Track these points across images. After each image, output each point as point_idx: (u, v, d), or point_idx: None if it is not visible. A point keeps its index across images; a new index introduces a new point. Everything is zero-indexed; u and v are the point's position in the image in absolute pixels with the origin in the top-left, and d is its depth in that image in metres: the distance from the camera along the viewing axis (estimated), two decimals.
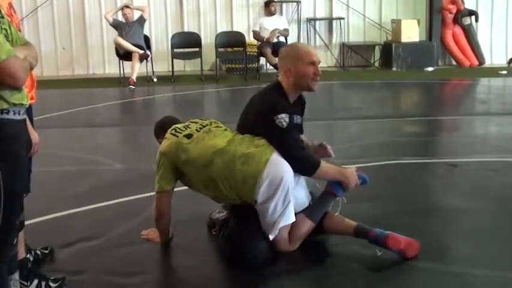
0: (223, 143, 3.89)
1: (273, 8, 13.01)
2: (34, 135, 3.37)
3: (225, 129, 4.14)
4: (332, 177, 3.96)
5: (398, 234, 3.83)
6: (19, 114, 2.75)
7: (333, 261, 3.93)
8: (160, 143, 4.18)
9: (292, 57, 4.02)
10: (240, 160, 3.79)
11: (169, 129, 4.12)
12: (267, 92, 4.09)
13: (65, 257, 4.04)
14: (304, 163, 3.89)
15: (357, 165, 5.94)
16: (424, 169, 6.10)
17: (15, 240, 3.04)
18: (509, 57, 14.43)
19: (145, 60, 12.72)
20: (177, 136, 4.02)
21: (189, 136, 4.00)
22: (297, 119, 4.12)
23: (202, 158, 3.86)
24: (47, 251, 3.97)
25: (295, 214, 3.90)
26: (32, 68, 2.94)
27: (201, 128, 4.07)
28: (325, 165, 3.92)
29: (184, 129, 4.08)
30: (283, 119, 3.84)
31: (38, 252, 3.89)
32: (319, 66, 4.04)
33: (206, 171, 3.86)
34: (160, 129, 4.33)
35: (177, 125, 4.16)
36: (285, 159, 3.81)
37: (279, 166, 3.78)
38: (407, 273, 3.69)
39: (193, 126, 4.12)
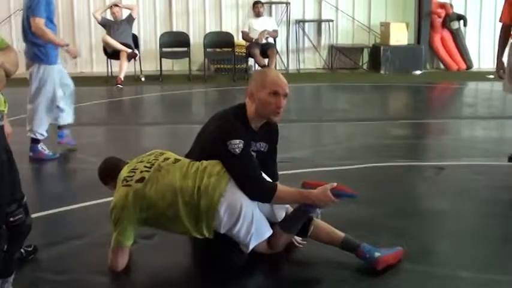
0: (179, 180, 3.68)
1: (258, 10, 12.95)
2: (8, 127, 3.34)
3: (176, 160, 3.89)
4: (294, 202, 3.79)
5: (386, 246, 3.82)
6: None
7: (317, 263, 3.91)
8: (110, 188, 4.01)
9: (257, 83, 3.84)
10: (198, 194, 3.63)
11: (118, 180, 3.84)
12: (226, 114, 3.90)
13: (51, 257, 4.01)
14: (256, 191, 3.70)
15: (343, 167, 6.01)
16: (410, 172, 6.12)
17: (5, 247, 3.03)
18: None
19: (133, 59, 12.69)
20: (130, 185, 3.71)
21: (141, 180, 3.71)
22: (260, 146, 3.98)
23: (164, 200, 3.64)
24: (30, 249, 3.94)
25: (272, 224, 3.83)
26: (9, 75, 2.88)
27: (149, 167, 3.80)
28: (283, 191, 3.72)
29: (133, 174, 3.78)
30: (237, 145, 3.68)
31: (22, 250, 3.85)
32: (284, 99, 3.81)
33: (171, 210, 3.66)
34: (106, 175, 4.09)
35: (124, 174, 3.83)
36: (238, 187, 3.67)
37: (235, 199, 3.64)
38: (393, 275, 3.68)
39: (139, 166, 3.83)
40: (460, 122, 8.77)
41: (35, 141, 6.60)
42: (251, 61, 13.36)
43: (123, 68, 12.26)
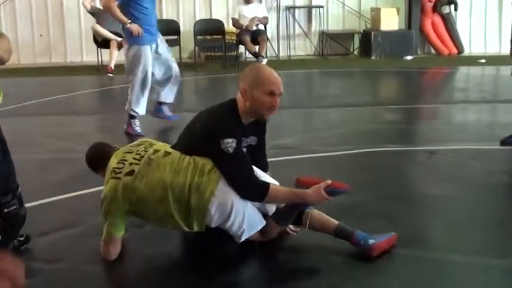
0: (170, 176, 3.61)
1: None
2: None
3: (166, 152, 3.79)
4: (287, 201, 3.74)
5: (378, 231, 3.81)
6: None
7: (310, 250, 3.89)
8: (100, 175, 3.98)
9: (252, 80, 3.73)
10: (189, 192, 3.59)
11: (107, 170, 3.80)
12: (218, 111, 3.80)
13: (43, 246, 4.00)
14: (248, 190, 3.65)
15: (335, 153, 6.01)
16: (403, 157, 6.12)
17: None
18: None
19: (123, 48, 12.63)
20: (119, 178, 3.68)
21: (130, 173, 3.67)
22: (250, 140, 3.93)
23: (154, 194, 3.61)
24: (22, 238, 3.92)
25: (265, 215, 3.82)
26: (3, 62, 2.86)
27: (139, 159, 3.74)
28: (276, 190, 3.67)
29: (122, 165, 3.73)
30: (230, 144, 3.59)
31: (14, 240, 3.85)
32: (278, 97, 3.74)
33: (161, 207, 3.63)
34: (95, 164, 4.07)
35: (113, 164, 3.78)
36: (230, 186, 3.62)
37: (226, 198, 3.60)
38: (387, 261, 3.68)
39: (128, 157, 3.78)
40: (452, 106, 8.78)
41: (131, 116, 7.20)
42: (242, 48, 13.33)
43: (114, 56, 12.21)
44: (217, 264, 3.73)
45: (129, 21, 6.84)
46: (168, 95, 7.41)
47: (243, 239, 3.75)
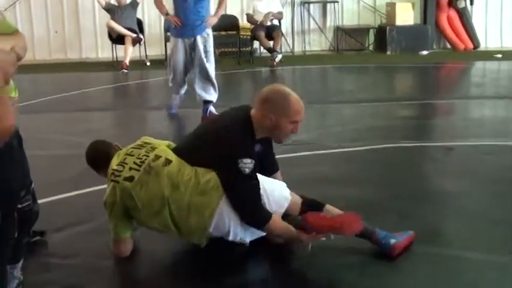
0: (168, 190, 3.57)
1: None
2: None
3: (166, 160, 3.70)
4: (282, 235, 3.71)
5: (393, 228, 3.79)
6: None
7: (323, 247, 3.83)
8: (102, 176, 3.95)
9: (279, 109, 3.64)
10: (188, 210, 3.56)
11: (108, 173, 3.76)
12: (233, 127, 3.68)
13: (57, 241, 4.03)
14: (251, 216, 3.60)
15: (350, 149, 5.98)
16: (418, 152, 6.08)
17: (15, 234, 3.03)
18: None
19: (138, 44, 12.66)
20: (118, 181, 3.66)
21: (130, 179, 3.64)
22: (259, 148, 3.83)
23: (151, 206, 3.59)
24: (38, 237, 3.94)
25: None
26: (20, 59, 2.87)
27: (139, 165, 3.68)
28: (276, 223, 3.61)
29: (121, 168, 3.70)
30: (248, 164, 3.52)
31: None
32: (300, 124, 3.72)
33: (157, 219, 3.62)
34: (97, 165, 4.05)
35: (113, 165, 3.75)
36: (234, 206, 3.56)
37: (224, 219, 3.57)
38: (402, 257, 3.65)
39: (129, 160, 3.73)
40: (468, 102, 8.71)
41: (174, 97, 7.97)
42: (256, 44, 13.30)
43: (128, 52, 12.24)
44: (229, 261, 3.74)
45: (167, 12, 7.64)
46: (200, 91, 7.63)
47: (248, 240, 3.73)
